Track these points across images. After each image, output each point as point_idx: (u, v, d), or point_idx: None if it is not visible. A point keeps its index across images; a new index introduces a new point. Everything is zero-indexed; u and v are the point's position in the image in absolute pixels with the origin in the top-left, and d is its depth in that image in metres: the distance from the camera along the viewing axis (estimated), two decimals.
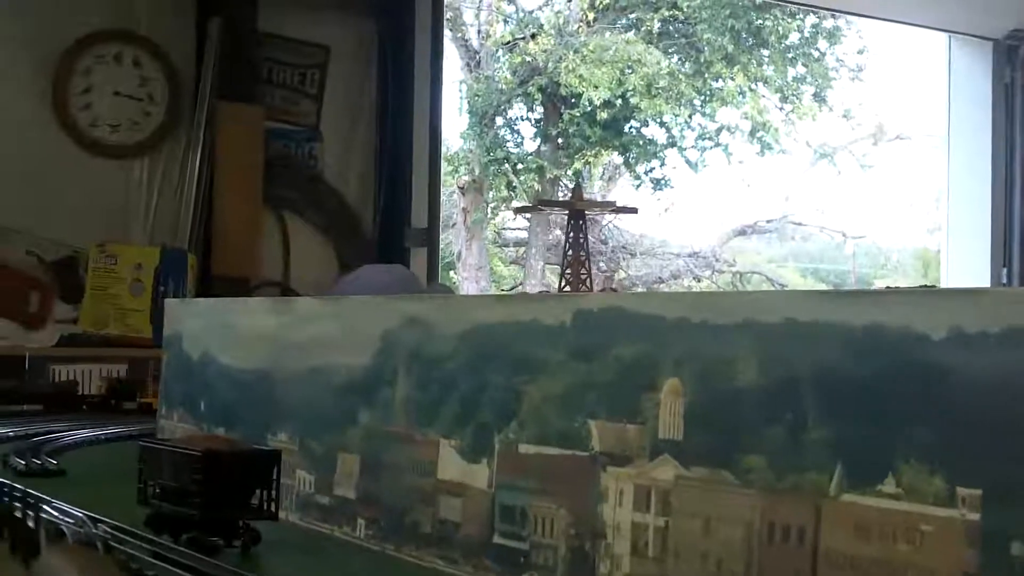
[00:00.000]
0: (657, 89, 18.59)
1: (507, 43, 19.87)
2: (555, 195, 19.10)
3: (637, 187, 20.13)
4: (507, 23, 20.16)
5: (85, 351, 6.09)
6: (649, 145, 19.79)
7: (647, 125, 19.76)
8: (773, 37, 18.91)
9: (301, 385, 2.92)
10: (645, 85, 18.42)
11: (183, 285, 6.49)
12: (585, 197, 9.70)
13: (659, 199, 20.21)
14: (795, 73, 19.60)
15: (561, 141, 19.83)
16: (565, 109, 19.22)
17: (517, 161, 19.97)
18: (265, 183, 7.25)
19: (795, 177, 23.55)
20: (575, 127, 19.10)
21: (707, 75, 19.20)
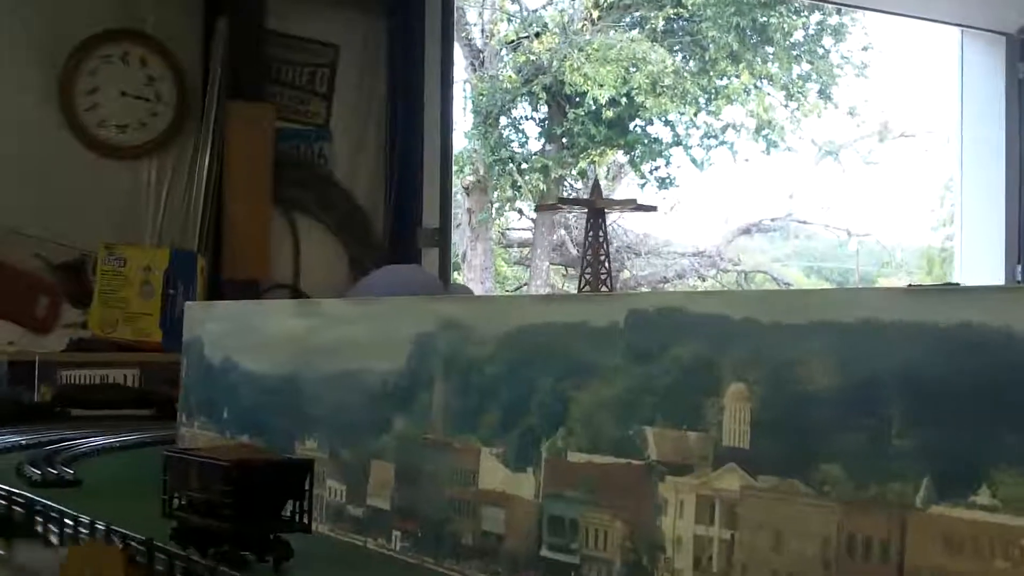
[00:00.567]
0: (662, 87, 18.49)
1: (511, 42, 19.77)
2: (560, 195, 19.00)
3: (642, 186, 20.05)
4: (511, 22, 20.06)
5: (95, 356, 6.00)
6: (654, 144, 19.69)
7: (652, 123, 19.68)
8: (778, 34, 18.81)
9: (330, 390, 2.81)
10: (650, 83, 18.32)
11: (193, 289, 6.39)
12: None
13: (664, 198, 20.14)
14: (800, 70, 19.50)
15: (566, 140, 19.71)
16: (570, 108, 19.11)
17: (522, 161, 19.87)
18: (275, 183, 7.13)
19: (800, 175, 23.51)
20: (580, 126, 18.99)
21: (712, 73, 19.10)
